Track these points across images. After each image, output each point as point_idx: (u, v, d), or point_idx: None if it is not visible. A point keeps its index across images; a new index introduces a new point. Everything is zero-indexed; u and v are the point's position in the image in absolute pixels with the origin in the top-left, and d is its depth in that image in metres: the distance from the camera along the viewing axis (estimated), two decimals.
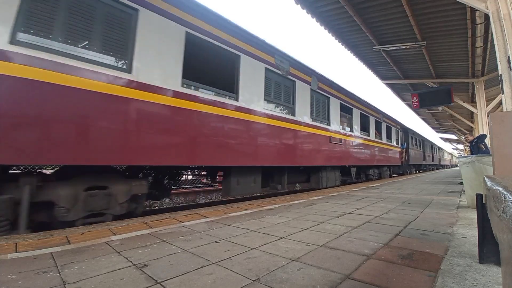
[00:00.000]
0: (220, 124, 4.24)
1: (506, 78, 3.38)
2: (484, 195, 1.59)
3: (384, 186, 7.51)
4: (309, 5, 6.66)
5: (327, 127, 7.28)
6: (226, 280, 1.39)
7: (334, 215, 3.21)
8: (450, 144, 43.39)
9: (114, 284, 1.35)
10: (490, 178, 1.15)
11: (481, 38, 7.03)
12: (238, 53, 4.63)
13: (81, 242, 2.12)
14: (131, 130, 3.17)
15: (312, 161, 6.63)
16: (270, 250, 1.87)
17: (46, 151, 2.58)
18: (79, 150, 2.77)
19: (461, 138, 29.23)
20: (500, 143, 2.72)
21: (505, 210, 0.63)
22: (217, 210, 3.69)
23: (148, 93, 3.33)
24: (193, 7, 3.95)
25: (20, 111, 2.43)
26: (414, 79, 11.20)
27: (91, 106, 2.85)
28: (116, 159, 3.08)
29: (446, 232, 2.37)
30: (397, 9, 6.45)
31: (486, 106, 9.70)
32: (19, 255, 1.80)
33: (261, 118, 5.03)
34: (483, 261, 1.59)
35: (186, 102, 3.75)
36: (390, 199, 4.62)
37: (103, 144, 2.93)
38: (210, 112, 4.08)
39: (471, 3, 3.91)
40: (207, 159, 4.04)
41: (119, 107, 3.07)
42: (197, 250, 1.88)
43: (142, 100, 3.26)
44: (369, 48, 8.52)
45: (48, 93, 2.57)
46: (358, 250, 1.85)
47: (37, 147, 2.53)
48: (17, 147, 2.41)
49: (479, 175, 3.61)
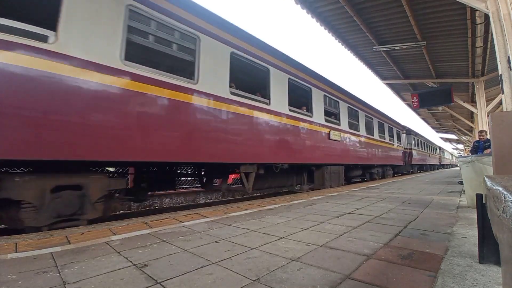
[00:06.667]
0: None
1: (506, 78, 3.37)
2: (484, 195, 1.59)
3: (384, 186, 7.51)
4: (309, 5, 6.67)
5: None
6: (226, 280, 1.39)
7: (334, 215, 3.21)
8: (450, 144, 43.38)
9: (114, 284, 1.35)
10: (490, 178, 1.15)
11: (481, 38, 7.03)
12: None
13: (81, 242, 2.12)
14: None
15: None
16: (270, 250, 1.87)
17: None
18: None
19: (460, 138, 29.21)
20: (500, 143, 2.72)
21: (505, 210, 0.63)
22: (217, 210, 3.69)
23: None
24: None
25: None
26: (414, 79, 11.21)
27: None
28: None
29: (446, 232, 2.37)
30: (397, 9, 6.46)
31: (486, 106, 9.70)
32: (19, 255, 1.80)
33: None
34: (483, 261, 1.59)
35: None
36: (390, 199, 4.62)
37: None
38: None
39: (471, 3, 3.91)
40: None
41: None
42: (197, 250, 1.88)
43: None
44: (369, 48, 8.52)
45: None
46: (358, 250, 1.85)
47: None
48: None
49: (479, 175, 3.61)
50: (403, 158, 15.09)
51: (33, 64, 2.50)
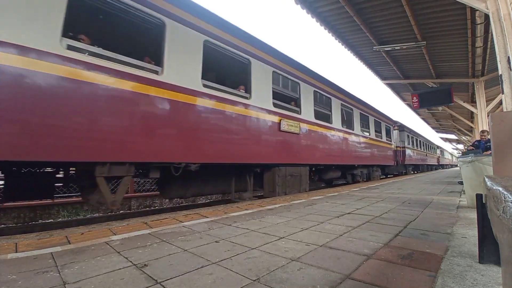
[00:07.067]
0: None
1: (506, 78, 3.38)
2: (484, 195, 1.59)
3: (384, 186, 7.51)
4: (309, 5, 6.67)
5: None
6: (226, 280, 1.39)
7: (334, 215, 3.21)
8: (450, 144, 43.38)
9: (114, 284, 1.35)
10: (490, 178, 1.15)
11: (481, 38, 7.03)
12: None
13: (81, 242, 2.12)
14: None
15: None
16: (270, 250, 1.87)
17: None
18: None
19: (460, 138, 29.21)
20: (500, 143, 2.72)
21: (505, 210, 0.63)
22: (217, 210, 3.69)
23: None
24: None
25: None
26: (414, 79, 11.21)
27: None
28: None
29: (446, 232, 2.37)
30: (397, 9, 6.46)
31: (486, 106, 9.70)
32: (19, 255, 1.80)
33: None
34: (483, 261, 1.59)
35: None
36: (390, 199, 4.62)
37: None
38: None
39: (471, 3, 3.91)
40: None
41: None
42: (197, 250, 1.88)
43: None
44: (369, 48, 8.52)
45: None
46: (358, 250, 1.85)
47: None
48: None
49: (479, 175, 3.61)
50: (394, 158, 13.43)
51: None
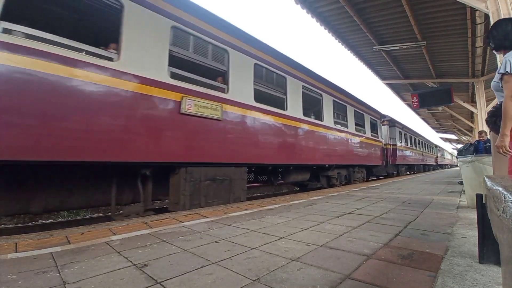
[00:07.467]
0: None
1: None
2: (484, 195, 1.59)
3: (384, 186, 7.51)
4: (309, 5, 6.67)
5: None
6: (226, 280, 1.39)
7: (334, 215, 3.21)
8: (450, 144, 43.38)
9: (114, 284, 1.35)
10: (490, 178, 1.15)
11: (481, 38, 7.03)
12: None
13: (81, 242, 2.12)
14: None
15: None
16: (270, 250, 1.87)
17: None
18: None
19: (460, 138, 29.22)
20: None
21: (505, 210, 0.63)
22: (217, 210, 3.69)
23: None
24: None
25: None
26: (414, 79, 11.21)
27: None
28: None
29: (446, 232, 2.37)
30: (397, 9, 6.46)
31: (486, 106, 9.70)
32: (19, 255, 1.80)
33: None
34: (483, 261, 1.59)
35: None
36: (390, 199, 4.62)
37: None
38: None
39: (471, 3, 3.92)
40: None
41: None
42: (197, 250, 1.88)
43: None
44: (369, 48, 8.53)
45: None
46: (358, 250, 1.85)
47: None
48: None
49: (479, 175, 3.61)
50: (382, 157, 11.43)
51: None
